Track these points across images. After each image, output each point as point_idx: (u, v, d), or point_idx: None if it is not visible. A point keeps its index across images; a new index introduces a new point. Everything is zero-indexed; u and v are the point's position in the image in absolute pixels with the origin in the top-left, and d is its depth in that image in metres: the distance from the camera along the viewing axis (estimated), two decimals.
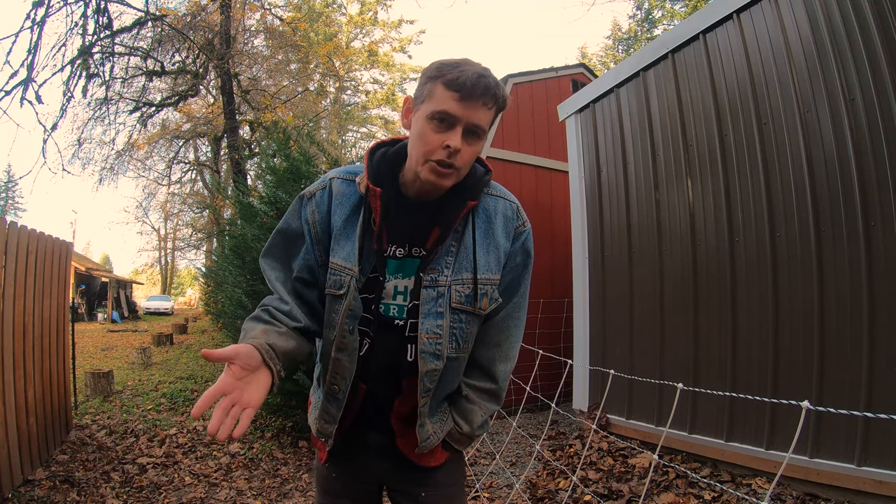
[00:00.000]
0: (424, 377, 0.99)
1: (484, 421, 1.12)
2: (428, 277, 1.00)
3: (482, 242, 1.02)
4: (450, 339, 1.01)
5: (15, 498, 2.79)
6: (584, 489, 2.92)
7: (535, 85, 6.49)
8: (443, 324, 0.99)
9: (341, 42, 21.45)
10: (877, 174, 2.42)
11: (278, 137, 4.85)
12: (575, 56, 33.95)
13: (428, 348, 0.99)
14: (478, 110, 0.91)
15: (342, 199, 1.04)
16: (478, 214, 1.03)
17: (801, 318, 2.69)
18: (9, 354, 2.87)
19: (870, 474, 2.32)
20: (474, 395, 1.11)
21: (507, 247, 1.05)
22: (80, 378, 5.50)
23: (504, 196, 1.07)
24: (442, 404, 1.10)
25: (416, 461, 1.08)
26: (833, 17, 2.61)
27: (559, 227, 6.03)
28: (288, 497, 3.24)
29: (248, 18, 12.88)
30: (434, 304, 0.99)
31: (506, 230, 1.04)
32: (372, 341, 1.02)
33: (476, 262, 1.01)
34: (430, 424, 1.05)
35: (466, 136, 0.92)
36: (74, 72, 7.55)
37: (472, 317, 1.03)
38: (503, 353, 1.10)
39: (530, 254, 1.09)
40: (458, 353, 1.03)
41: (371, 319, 1.01)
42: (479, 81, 0.89)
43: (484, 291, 1.01)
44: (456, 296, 1.00)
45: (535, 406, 5.27)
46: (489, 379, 1.11)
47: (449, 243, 1.01)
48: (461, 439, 1.11)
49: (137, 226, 35.84)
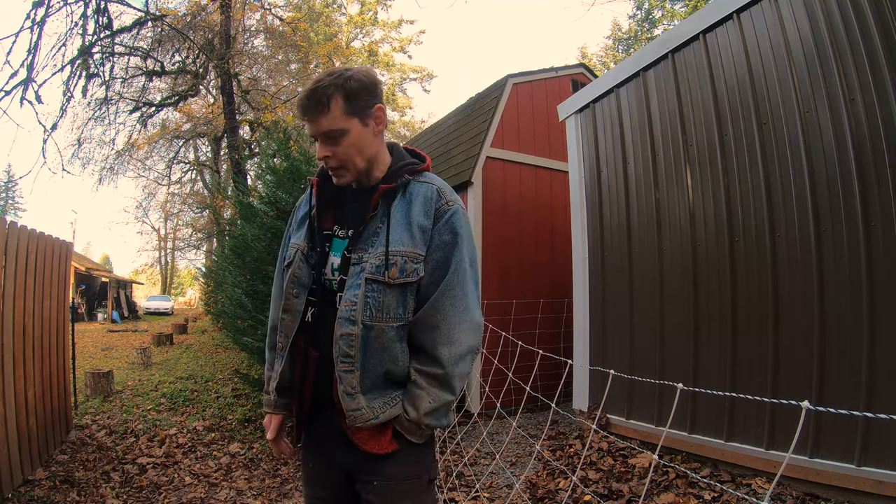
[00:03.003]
0: (340, 339, 1.09)
1: (434, 409, 1.11)
2: (356, 256, 1.14)
3: (399, 220, 1.13)
4: (364, 307, 1.09)
5: (15, 498, 2.79)
6: (584, 489, 2.92)
7: (535, 85, 6.49)
8: (359, 293, 1.10)
9: (341, 42, 21.43)
10: (877, 174, 2.41)
11: (278, 137, 4.85)
12: (575, 56, 33.95)
13: (344, 314, 1.10)
14: (316, 121, 1.10)
15: (307, 199, 1.29)
16: (403, 198, 1.16)
17: (801, 318, 2.69)
18: (9, 354, 2.87)
19: (870, 474, 2.32)
20: (422, 380, 1.12)
21: (425, 224, 1.13)
22: (80, 378, 5.50)
23: (429, 181, 1.20)
24: (389, 387, 1.14)
25: (359, 444, 1.11)
26: (833, 17, 2.61)
27: (559, 227, 6.02)
28: (288, 497, 3.24)
29: (248, 18, 12.89)
30: (356, 277, 1.12)
31: (424, 209, 1.14)
32: (318, 310, 1.17)
33: (388, 238, 1.11)
34: (362, 399, 1.09)
35: (326, 141, 1.12)
36: (74, 72, 7.56)
37: (383, 286, 1.10)
38: (443, 336, 1.11)
39: (458, 232, 1.14)
40: (372, 322, 1.09)
41: (316, 290, 1.18)
42: (302, 100, 1.10)
43: (394, 262, 1.10)
44: (370, 267, 1.11)
45: (535, 406, 5.27)
46: (435, 363, 1.11)
47: (375, 225, 1.14)
48: (409, 427, 1.12)
49: (137, 226, 35.99)
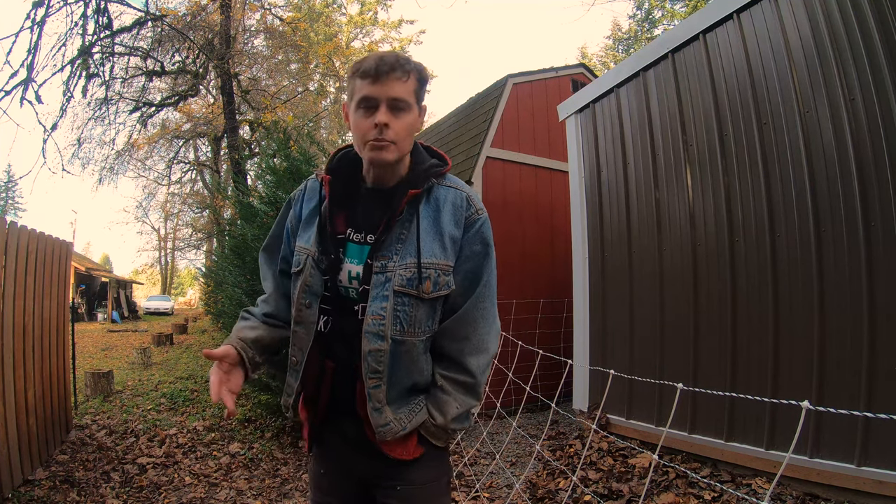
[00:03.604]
0: (368, 356, 1.03)
1: (460, 414, 1.11)
2: (378, 264, 1.05)
3: (428, 229, 1.06)
4: (393, 321, 1.04)
5: (15, 498, 2.79)
6: (584, 489, 2.92)
7: (535, 85, 6.49)
8: (387, 306, 1.03)
9: (341, 42, 21.42)
10: (877, 174, 2.42)
11: (278, 137, 4.85)
12: (575, 56, 33.96)
13: (371, 328, 1.03)
14: (392, 85, 0.99)
15: (312, 193, 1.18)
16: (428, 204, 1.08)
17: (801, 318, 2.69)
18: (9, 354, 2.87)
19: (870, 474, 2.32)
20: (449, 386, 1.10)
21: (455, 234, 1.08)
22: (80, 378, 5.50)
23: (456, 186, 1.12)
24: (412, 395, 1.10)
25: (387, 452, 1.07)
26: (833, 17, 2.61)
27: (559, 227, 6.03)
28: (288, 497, 3.24)
29: (248, 18, 12.90)
30: (381, 288, 1.04)
31: (454, 218, 1.08)
32: (333, 320, 1.09)
33: (420, 248, 1.05)
34: (389, 412, 1.05)
35: (391, 110, 1.00)
36: (74, 72, 7.55)
37: (415, 300, 1.05)
38: (473, 346, 1.10)
39: (488, 242, 1.11)
40: (403, 336, 1.05)
41: (332, 298, 1.08)
42: (383, 61, 0.99)
43: (427, 275, 1.04)
44: (399, 279, 1.04)
45: (535, 406, 5.27)
46: (464, 372, 1.10)
47: (398, 231, 1.06)
48: (436, 432, 1.10)
49: (137, 226, 36.06)
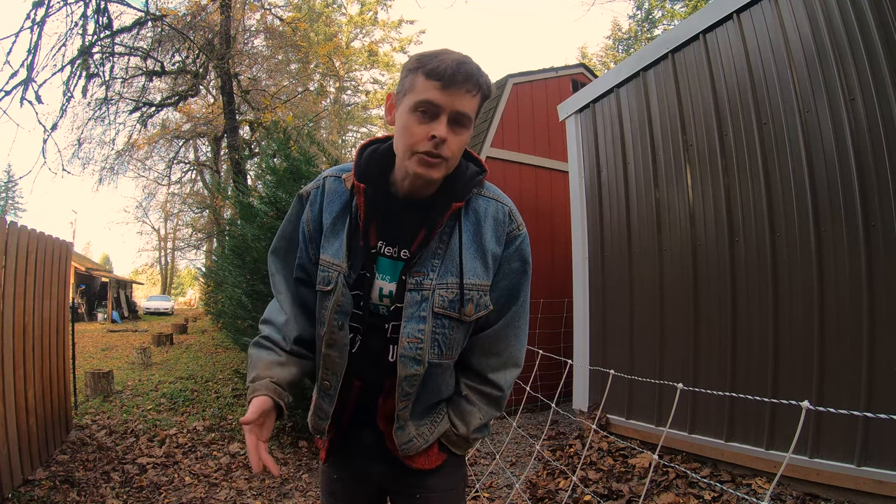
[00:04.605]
0: (403, 381, 0.97)
1: (482, 424, 1.09)
2: (412, 280, 0.96)
3: (469, 246, 0.98)
4: (431, 345, 0.97)
5: (15, 498, 2.79)
6: (584, 489, 2.92)
7: (535, 85, 6.49)
8: (425, 328, 0.96)
9: (341, 42, 21.45)
10: (877, 174, 2.41)
11: (278, 137, 4.85)
12: (575, 56, 33.97)
13: (408, 352, 0.96)
14: (461, 97, 0.88)
15: (333, 196, 1.04)
16: (467, 216, 0.99)
17: (800, 318, 2.69)
18: (9, 354, 2.87)
19: (870, 474, 2.32)
20: (475, 397, 1.07)
21: (497, 251, 1.00)
22: (80, 378, 5.50)
23: (497, 198, 1.03)
24: (434, 408, 1.07)
25: (408, 463, 1.05)
26: (833, 17, 2.61)
27: (559, 227, 6.03)
28: (288, 497, 3.24)
29: (248, 18, 12.90)
30: (417, 307, 0.96)
31: (496, 234, 1.00)
32: (362, 339, 1.01)
33: (462, 267, 0.97)
34: (412, 427, 1.02)
35: (452, 124, 0.89)
36: (74, 72, 7.55)
37: (456, 323, 0.98)
38: (503, 362, 1.07)
39: (527, 260, 1.04)
40: (440, 360, 0.99)
41: (362, 316, 0.99)
42: (461, 68, 0.86)
43: (470, 297, 0.97)
44: (439, 300, 0.96)
45: (535, 406, 5.27)
46: (492, 385, 1.07)
47: (435, 246, 0.97)
48: (457, 441, 1.08)
49: (137, 226, 35.94)
